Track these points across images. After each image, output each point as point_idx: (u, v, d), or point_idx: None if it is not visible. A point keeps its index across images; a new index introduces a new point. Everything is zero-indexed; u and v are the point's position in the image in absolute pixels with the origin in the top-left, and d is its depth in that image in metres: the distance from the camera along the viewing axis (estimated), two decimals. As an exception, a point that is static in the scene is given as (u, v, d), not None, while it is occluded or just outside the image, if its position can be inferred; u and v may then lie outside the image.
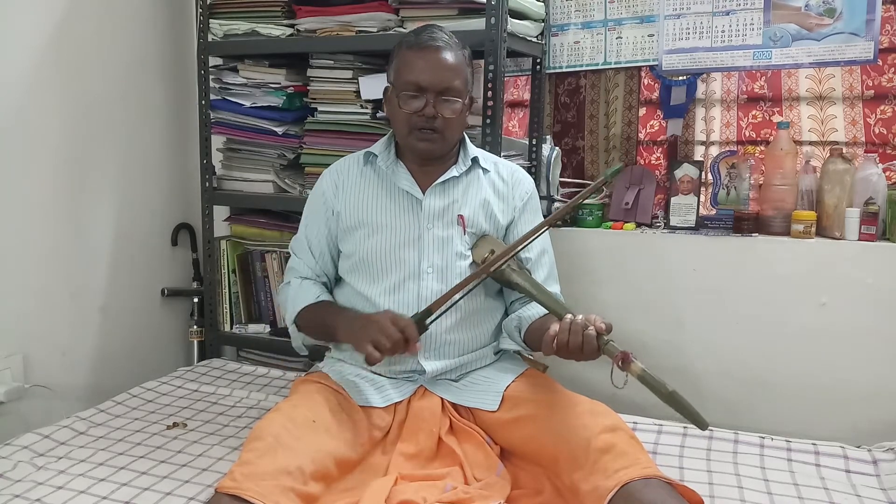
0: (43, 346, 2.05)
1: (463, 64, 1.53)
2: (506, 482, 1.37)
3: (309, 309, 1.59)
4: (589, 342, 1.26)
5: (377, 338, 1.34)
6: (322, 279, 1.66)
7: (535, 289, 1.46)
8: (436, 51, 1.49)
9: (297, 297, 1.61)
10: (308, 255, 1.64)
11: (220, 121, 2.24)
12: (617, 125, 2.31)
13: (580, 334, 1.27)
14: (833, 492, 1.47)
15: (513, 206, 1.63)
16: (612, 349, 1.26)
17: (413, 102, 1.49)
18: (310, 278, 1.65)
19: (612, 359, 1.25)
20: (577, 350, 1.27)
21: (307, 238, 1.65)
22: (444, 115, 1.49)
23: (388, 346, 1.34)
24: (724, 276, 2.01)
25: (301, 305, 1.59)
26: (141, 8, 2.31)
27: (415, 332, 1.37)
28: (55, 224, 2.08)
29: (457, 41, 1.54)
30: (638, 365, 1.23)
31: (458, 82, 1.50)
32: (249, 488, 1.16)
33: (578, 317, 1.29)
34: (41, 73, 2.00)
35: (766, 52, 2.01)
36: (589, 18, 2.23)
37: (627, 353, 1.23)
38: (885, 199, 1.92)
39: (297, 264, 1.66)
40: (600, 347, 1.27)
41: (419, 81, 1.48)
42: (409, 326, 1.36)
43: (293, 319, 1.61)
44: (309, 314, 1.59)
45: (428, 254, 1.55)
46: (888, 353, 1.87)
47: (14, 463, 1.51)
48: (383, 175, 1.60)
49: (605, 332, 1.27)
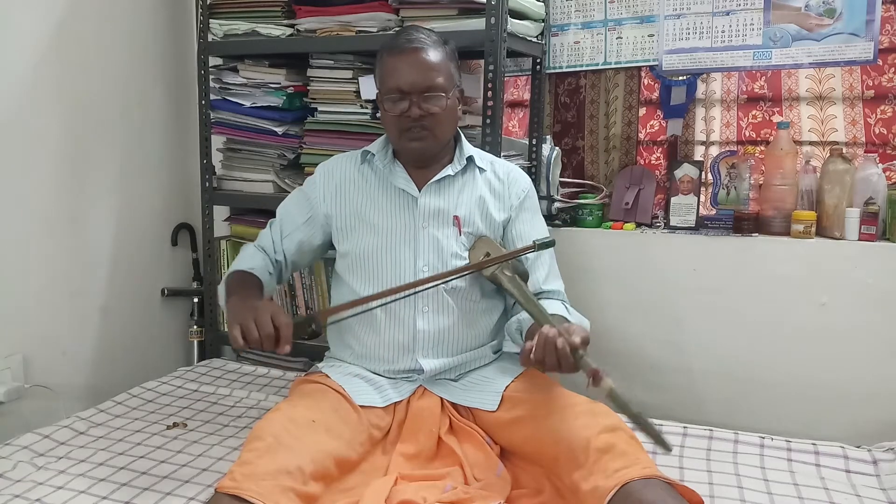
0: (43, 346, 2.05)
1: (444, 60, 1.52)
2: (506, 482, 1.37)
3: (237, 274, 1.58)
4: (564, 358, 1.26)
5: (248, 325, 1.30)
6: (277, 256, 1.65)
7: (523, 297, 1.45)
8: (413, 52, 1.50)
9: (240, 260, 1.63)
10: (276, 231, 1.66)
11: (220, 121, 2.24)
12: (617, 125, 2.31)
13: (554, 353, 1.26)
14: (833, 492, 1.47)
15: (509, 204, 1.63)
16: (585, 364, 1.26)
17: (398, 106, 1.50)
18: (265, 250, 1.65)
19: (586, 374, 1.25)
20: (553, 367, 1.28)
21: (281, 218, 1.67)
22: (431, 112, 1.50)
23: (255, 336, 1.30)
24: (724, 276, 2.01)
25: (234, 268, 1.60)
26: (141, 8, 2.31)
27: (289, 334, 1.32)
28: (55, 224, 2.08)
29: (436, 38, 1.54)
30: (608, 382, 1.23)
31: (440, 79, 1.50)
32: (249, 488, 1.16)
33: (552, 330, 1.28)
34: (41, 72, 2.00)
35: (766, 52, 2.01)
36: (589, 18, 2.23)
37: (597, 370, 1.23)
38: (885, 199, 1.92)
39: (262, 235, 1.68)
40: (576, 362, 1.26)
41: (400, 85, 1.49)
42: (285, 326, 1.32)
43: (224, 278, 1.60)
44: (233, 278, 1.57)
45: (423, 253, 1.55)
46: (888, 353, 1.87)
47: (14, 463, 1.51)
48: (380, 174, 1.61)
49: (581, 346, 1.27)
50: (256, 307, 1.35)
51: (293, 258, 1.66)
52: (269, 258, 1.64)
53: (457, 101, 1.57)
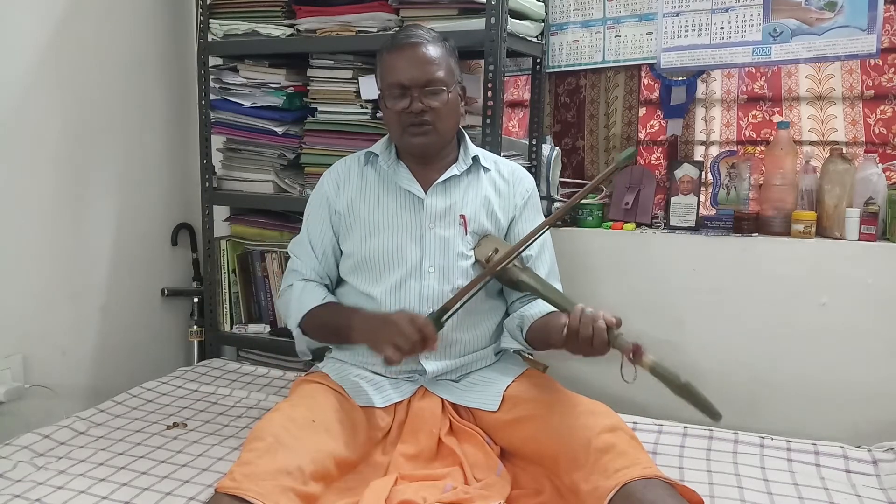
0: (43, 346, 2.06)
1: (443, 55, 1.52)
2: (506, 482, 1.37)
3: (316, 311, 1.57)
4: (599, 334, 1.26)
5: (396, 339, 1.32)
6: (325, 281, 1.65)
7: (542, 286, 1.46)
8: (412, 47, 1.50)
9: (303, 300, 1.59)
10: (311, 256, 1.63)
11: (220, 121, 2.24)
12: (617, 125, 2.31)
13: (590, 326, 1.27)
14: (833, 492, 1.47)
15: (513, 204, 1.63)
16: (623, 342, 1.26)
17: (399, 102, 1.50)
18: (313, 280, 1.63)
19: (623, 352, 1.25)
20: (587, 342, 1.27)
21: (310, 239, 1.64)
22: (432, 106, 1.49)
23: (407, 347, 1.32)
24: (724, 276, 2.01)
25: (308, 307, 1.57)
26: (141, 8, 2.31)
27: (433, 332, 1.35)
28: (55, 224, 2.08)
29: (436, 34, 1.54)
30: (650, 357, 1.23)
31: (440, 73, 1.50)
32: (249, 488, 1.16)
33: (588, 309, 1.29)
34: (41, 73, 2.00)
35: (765, 47, 2.00)
36: (588, 17, 2.23)
37: (639, 346, 1.23)
38: (885, 199, 1.92)
39: (298, 266, 1.64)
40: (610, 341, 1.26)
41: (401, 80, 1.49)
42: (426, 326, 1.34)
43: (298, 322, 1.59)
44: (316, 316, 1.56)
45: (430, 253, 1.55)
46: (888, 353, 1.87)
47: (14, 463, 1.51)
48: (385, 175, 1.60)
49: (616, 325, 1.27)
50: (394, 321, 1.36)
51: (336, 275, 1.66)
52: (321, 284, 1.64)
53: (458, 97, 1.56)
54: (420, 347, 1.34)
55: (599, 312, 1.29)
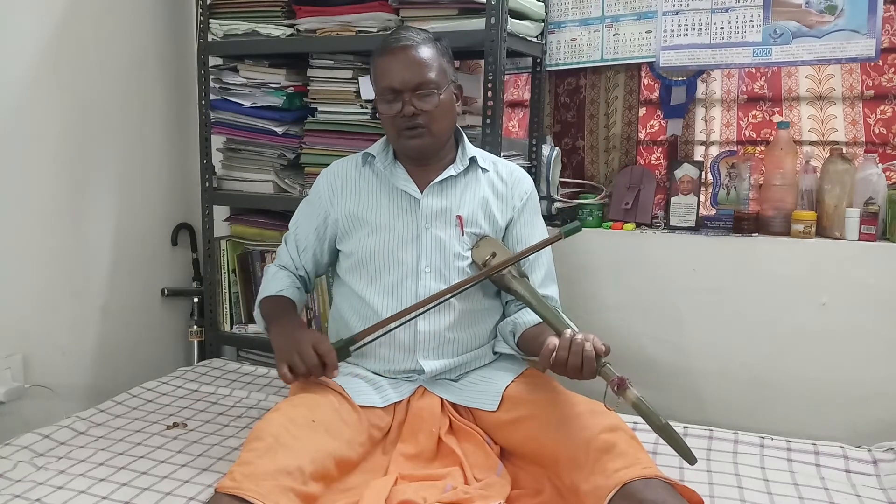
0: (43, 346, 2.06)
1: (434, 56, 1.52)
2: (506, 482, 1.37)
3: (267, 300, 1.63)
4: (588, 363, 1.26)
5: (293, 360, 1.39)
6: (300, 272, 1.69)
7: (535, 299, 1.45)
8: (402, 50, 1.50)
9: (267, 284, 1.66)
10: (293, 247, 1.69)
11: (220, 121, 2.24)
12: (617, 125, 2.31)
13: (580, 355, 1.27)
14: (833, 492, 1.47)
15: (512, 205, 1.63)
16: (609, 372, 1.26)
17: (393, 106, 1.50)
18: (287, 268, 1.69)
19: (609, 383, 1.25)
20: (575, 370, 1.28)
21: (295, 232, 1.69)
22: (425, 109, 1.49)
23: (302, 369, 1.38)
24: (724, 276, 2.01)
25: (266, 293, 1.64)
26: (141, 8, 2.31)
27: (334, 360, 1.41)
28: (55, 224, 2.08)
29: (427, 35, 1.54)
30: (633, 392, 1.23)
31: (431, 75, 1.50)
32: (249, 488, 1.16)
33: (578, 335, 1.29)
34: (41, 73, 2.00)
35: (765, 49, 2.00)
36: (586, 15, 2.22)
37: (624, 379, 1.23)
38: (885, 199, 1.92)
39: (281, 252, 1.71)
40: (597, 369, 1.27)
41: (392, 84, 1.49)
42: (328, 354, 1.40)
43: (257, 304, 1.66)
44: (265, 305, 1.63)
45: (426, 253, 1.55)
46: (888, 353, 1.87)
47: (14, 463, 1.51)
48: (381, 175, 1.61)
49: (604, 353, 1.28)
50: (299, 340, 1.41)
51: (314, 268, 1.70)
52: (293, 275, 1.68)
53: (453, 97, 1.56)
54: (319, 372, 1.40)
55: (590, 336, 1.29)
